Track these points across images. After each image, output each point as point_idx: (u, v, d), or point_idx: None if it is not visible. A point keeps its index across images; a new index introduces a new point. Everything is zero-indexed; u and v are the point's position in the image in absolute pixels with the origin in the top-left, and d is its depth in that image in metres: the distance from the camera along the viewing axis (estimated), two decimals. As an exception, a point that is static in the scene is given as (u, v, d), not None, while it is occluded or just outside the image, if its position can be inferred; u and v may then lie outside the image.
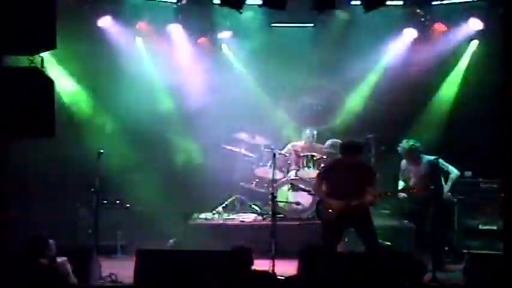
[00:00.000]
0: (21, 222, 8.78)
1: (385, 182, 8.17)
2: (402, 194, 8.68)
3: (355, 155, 7.68)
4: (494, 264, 6.73)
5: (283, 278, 6.09)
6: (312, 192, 9.14)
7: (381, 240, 7.97)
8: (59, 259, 6.21)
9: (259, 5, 9.43)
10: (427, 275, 7.26)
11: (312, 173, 9.70)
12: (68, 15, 8.58)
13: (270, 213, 8.53)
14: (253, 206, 10.07)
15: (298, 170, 9.85)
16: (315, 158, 9.87)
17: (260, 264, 6.26)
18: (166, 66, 10.53)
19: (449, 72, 10.62)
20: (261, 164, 10.05)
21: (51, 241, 6.00)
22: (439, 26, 10.24)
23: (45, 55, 4.90)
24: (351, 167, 7.68)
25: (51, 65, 9.49)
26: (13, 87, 4.61)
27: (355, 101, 10.90)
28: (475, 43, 10.31)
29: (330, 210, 7.68)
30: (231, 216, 9.79)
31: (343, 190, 7.65)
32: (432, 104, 10.74)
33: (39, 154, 9.38)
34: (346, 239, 8.39)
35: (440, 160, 8.43)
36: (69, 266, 6.23)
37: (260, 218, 9.70)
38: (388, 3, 9.43)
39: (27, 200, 9.56)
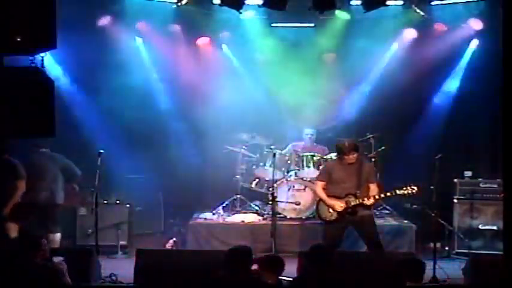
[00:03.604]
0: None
1: (384, 182, 8.16)
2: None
3: (353, 153, 7.69)
4: (494, 264, 6.72)
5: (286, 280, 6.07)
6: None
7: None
8: (56, 259, 6.21)
9: (259, 5, 9.43)
10: (427, 275, 7.26)
11: (312, 173, 9.71)
12: (68, 15, 8.59)
13: (270, 213, 8.54)
14: (253, 206, 10.07)
15: (298, 170, 9.85)
16: (315, 158, 9.87)
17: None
18: (166, 66, 10.53)
19: (449, 72, 10.62)
20: (261, 164, 10.05)
21: (43, 240, 6.00)
22: (439, 26, 10.24)
23: (45, 55, 4.89)
24: (352, 166, 7.70)
25: (52, 64, 9.50)
26: (13, 87, 4.61)
27: (355, 100, 10.90)
28: (475, 43, 10.31)
29: (331, 210, 7.71)
30: (231, 216, 9.79)
31: (344, 190, 7.67)
32: (432, 104, 10.73)
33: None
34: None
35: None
36: (65, 267, 6.22)
37: (260, 218, 9.70)
38: (388, 3, 9.43)
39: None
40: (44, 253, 5.91)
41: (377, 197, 7.75)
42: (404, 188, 7.64)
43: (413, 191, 7.62)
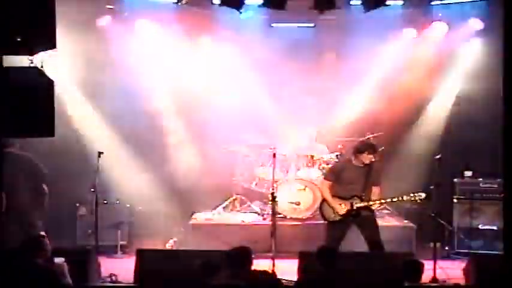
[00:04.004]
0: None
1: (384, 183, 8.14)
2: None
3: (367, 155, 7.70)
4: (494, 264, 6.72)
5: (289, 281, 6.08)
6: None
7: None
8: (57, 260, 6.20)
9: (259, 5, 9.43)
10: (427, 275, 7.26)
11: (312, 173, 9.72)
12: (68, 15, 8.59)
13: (270, 213, 8.54)
14: (253, 206, 10.06)
15: (298, 170, 9.85)
16: (315, 158, 9.88)
17: (260, 264, 6.27)
18: (166, 66, 10.52)
19: (449, 72, 10.60)
20: (261, 164, 10.05)
21: (45, 241, 5.99)
22: (439, 26, 10.23)
23: (45, 55, 4.89)
24: (362, 168, 7.70)
25: (52, 64, 9.47)
26: (13, 87, 4.61)
27: (355, 100, 10.88)
28: (475, 43, 10.30)
29: (335, 212, 7.72)
30: (231, 216, 9.79)
31: (351, 191, 7.67)
32: (432, 104, 10.73)
33: (38, 154, 9.37)
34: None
35: None
36: (66, 268, 6.22)
37: (260, 218, 9.70)
38: (388, 3, 9.43)
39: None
40: (46, 253, 5.90)
41: (383, 201, 7.78)
42: (412, 195, 7.63)
43: (420, 198, 7.61)
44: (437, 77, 10.58)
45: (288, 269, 7.53)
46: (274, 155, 8.56)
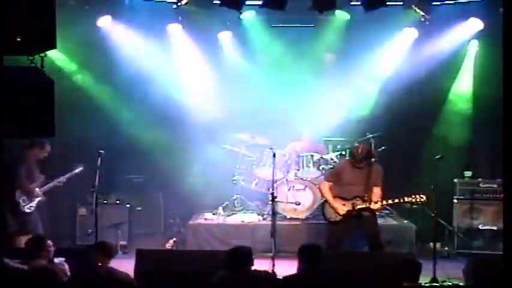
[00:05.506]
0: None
1: (384, 183, 8.15)
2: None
3: (364, 162, 7.72)
4: (494, 264, 6.71)
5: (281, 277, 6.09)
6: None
7: None
8: (57, 260, 6.21)
9: (259, 6, 9.43)
10: (427, 275, 7.26)
11: (312, 173, 9.72)
12: (68, 15, 8.59)
13: (270, 213, 8.55)
14: (253, 206, 10.07)
15: (298, 170, 9.85)
16: (314, 158, 9.88)
17: (260, 264, 6.27)
18: (165, 66, 10.52)
19: (449, 73, 10.60)
20: (261, 164, 10.05)
21: (48, 242, 6.00)
22: (439, 26, 10.23)
23: (46, 54, 4.89)
24: (362, 170, 7.71)
25: (51, 63, 9.49)
26: (13, 87, 4.61)
27: (355, 101, 10.88)
28: (475, 43, 10.30)
29: (336, 212, 7.74)
30: (231, 216, 9.79)
31: (352, 192, 7.69)
32: (432, 104, 10.72)
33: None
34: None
35: None
36: (66, 267, 6.23)
37: (260, 218, 9.70)
38: (388, 3, 9.42)
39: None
40: (48, 254, 5.91)
41: (384, 202, 7.79)
42: (413, 196, 7.65)
43: (422, 200, 7.62)
44: (437, 77, 10.57)
45: (288, 269, 7.53)
46: (274, 155, 8.57)
